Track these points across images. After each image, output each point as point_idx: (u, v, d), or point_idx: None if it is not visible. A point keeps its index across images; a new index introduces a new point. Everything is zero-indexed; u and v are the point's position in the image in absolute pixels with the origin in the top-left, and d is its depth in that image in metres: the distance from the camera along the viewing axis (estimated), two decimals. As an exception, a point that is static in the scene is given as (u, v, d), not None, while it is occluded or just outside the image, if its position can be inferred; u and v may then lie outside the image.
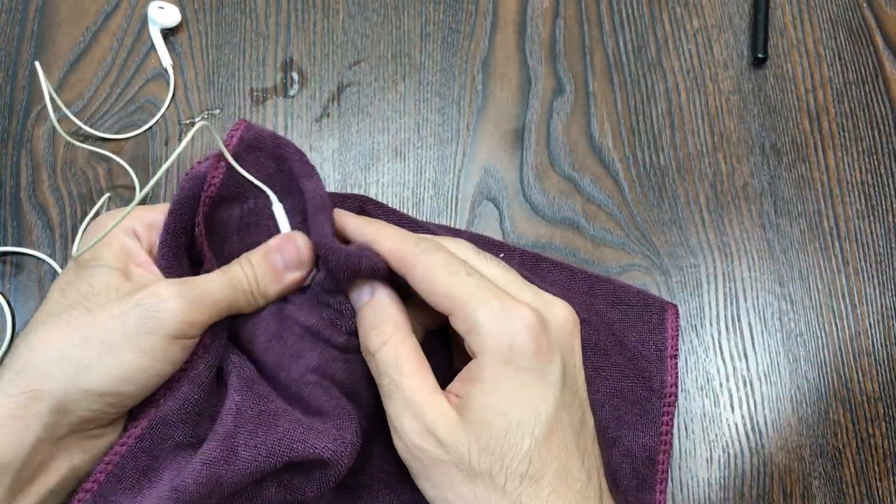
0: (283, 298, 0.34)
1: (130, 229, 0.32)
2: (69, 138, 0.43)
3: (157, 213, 0.33)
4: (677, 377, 0.42)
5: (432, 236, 0.33)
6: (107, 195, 0.36)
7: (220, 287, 0.31)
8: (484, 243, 0.44)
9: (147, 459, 0.30)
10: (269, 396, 0.32)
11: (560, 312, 0.30)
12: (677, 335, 0.43)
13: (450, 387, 0.30)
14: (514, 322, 0.28)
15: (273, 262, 0.32)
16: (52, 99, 0.40)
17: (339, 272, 0.31)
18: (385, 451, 0.36)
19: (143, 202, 0.47)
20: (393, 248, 0.31)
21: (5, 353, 0.43)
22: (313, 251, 0.33)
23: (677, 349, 0.42)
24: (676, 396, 0.42)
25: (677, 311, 0.44)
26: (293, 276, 0.33)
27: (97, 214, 0.46)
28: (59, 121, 0.48)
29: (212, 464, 0.29)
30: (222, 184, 0.33)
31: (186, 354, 0.30)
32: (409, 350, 0.31)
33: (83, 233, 0.40)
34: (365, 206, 0.38)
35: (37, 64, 0.39)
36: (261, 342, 0.33)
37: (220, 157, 0.33)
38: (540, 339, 0.28)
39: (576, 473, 0.28)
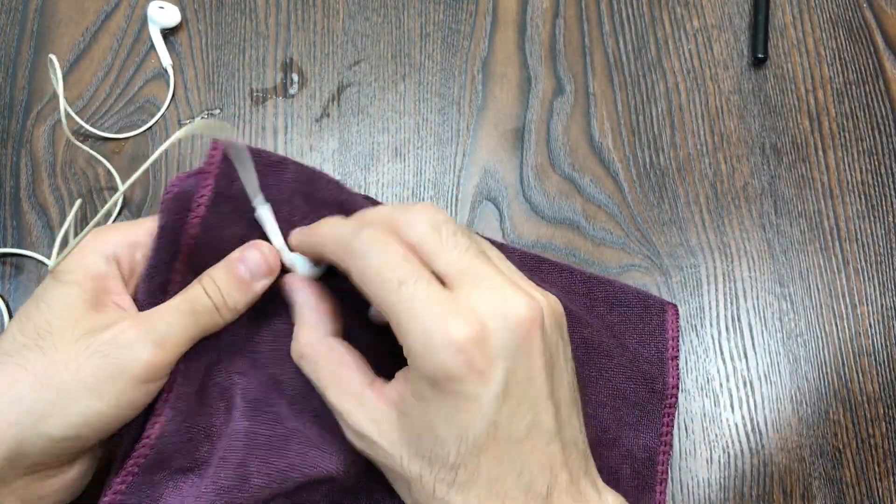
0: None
1: (111, 253, 0.31)
2: (71, 136, 0.43)
3: (142, 232, 0.32)
4: (678, 378, 0.42)
5: (381, 217, 0.30)
6: (78, 201, 0.35)
7: (181, 317, 0.29)
8: None
9: (148, 490, 0.30)
10: (278, 417, 0.32)
11: (515, 310, 0.27)
12: (678, 336, 0.43)
13: (396, 376, 0.30)
14: (442, 348, 0.26)
15: (238, 274, 0.31)
16: (62, 94, 0.40)
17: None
18: None
19: (133, 213, 0.47)
20: (335, 252, 0.30)
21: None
22: (278, 257, 0.32)
23: (678, 350, 0.42)
24: (677, 398, 0.42)
25: (678, 311, 0.44)
26: (261, 284, 0.32)
27: (79, 224, 0.46)
28: (59, 120, 0.48)
29: (225, 492, 0.29)
30: (212, 202, 0.31)
31: (154, 392, 0.29)
32: (332, 355, 0.30)
33: (59, 248, 0.38)
34: (317, 183, 0.36)
35: (52, 57, 0.39)
36: (266, 343, 0.33)
37: (209, 170, 0.31)
38: (474, 358, 0.26)
39: (512, 482, 0.28)
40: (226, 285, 0.31)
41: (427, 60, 0.51)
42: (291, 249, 0.33)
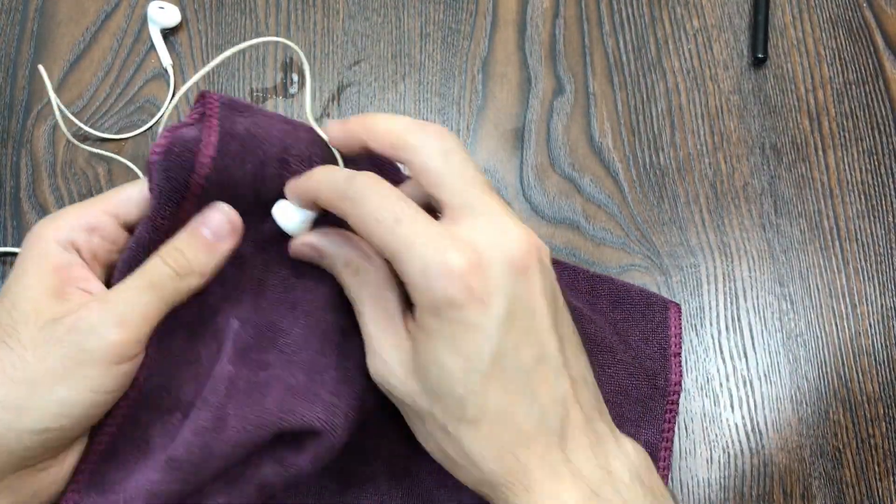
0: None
1: (67, 239, 0.30)
2: (76, 142, 0.43)
3: (98, 212, 0.31)
4: (681, 375, 0.42)
5: (394, 130, 0.30)
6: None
7: (140, 293, 0.29)
8: None
9: (137, 432, 0.30)
10: (264, 364, 0.31)
11: (511, 242, 0.28)
12: (680, 333, 0.43)
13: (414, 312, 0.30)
14: (443, 273, 0.26)
15: (202, 236, 0.30)
16: (56, 103, 0.40)
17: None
18: (396, 446, 0.36)
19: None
20: (330, 200, 0.30)
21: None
22: (239, 218, 0.31)
23: (681, 347, 0.42)
24: (679, 394, 0.42)
25: (680, 309, 0.44)
26: (227, 245, 0.31)
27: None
28: (59, 121, 0.48)
29: (202, 433, 0.29)
30: (218, 154, 0.30)
31: (130, 373, 0.29)
32: (372, 280, 0.30)
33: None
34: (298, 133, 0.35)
35: (40, 67, 0.39)
36: (275, 290, 0.33)
37: (210, 113, 0.30)
38: (474, 285, 0.27)
39: (521, 414, 0.28)
40: (191, 250, 0.30)
41: (427, 60, 0.51)
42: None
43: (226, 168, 0.31)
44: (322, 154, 0.33)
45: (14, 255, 0.45)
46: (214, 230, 0.31)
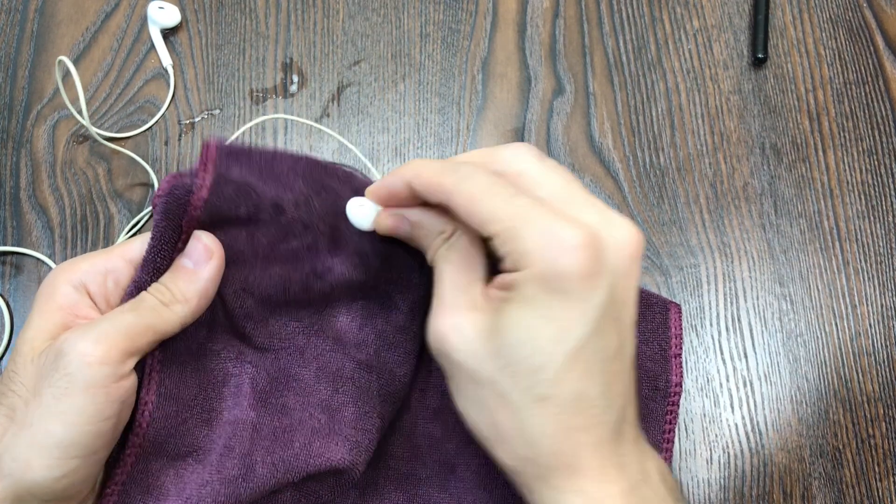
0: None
1: (79, 281, 0.30)
2: (101, 139, 0.43)
3: (115, 257, 0.31)
4: (682, 376, 0.42)
5: (476, 158, 0.31)
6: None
7: (121, 315, 0.29)
8: None
9: (149, 479, 0.30)
10: (285, 409, 0.32)
11: (621, 233, 0.28)
12: (681, 334, 0.43)
13: (495, 281, 0.30)
14: (560, 243, 0.27)
15: (182, 267, 0.30)
16: (71, 96, 0.40)
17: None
18: (402, 451, 0.36)
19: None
20: (431, 181, 0.30)
21: (4, 351, 0.43)
22: (218, 242, 0.31)
23: (681, 348, 0.42)
24: (680, 395, 0.42)
25: (680, 309, 0.44)
26: (209, 270, 0.31)
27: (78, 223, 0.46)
28: (59, 121, 0.48)
29: (230, 482, 0.30)
30: (212, 190, 0.30)
31: (123, 398, 0.28)
32: (463, 246, 0.30)
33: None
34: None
35: (66, 59, 0.38)
36: (283, 336, 0.33)
37: (208, 159, 0.30)
38: (588, 262, 0.27)
39: (593, 399, 0.28)
40: (173, 281, 0.30)
41: (427, 60, 0.51)
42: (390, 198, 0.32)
43: (219, 210, 0.31)
44: (334, 192, 0.33)
45: (14, 254, 0.45)
46: (194, 258, 0.31)
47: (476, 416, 0.29)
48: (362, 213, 0.32)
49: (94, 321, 0.29)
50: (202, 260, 0.31)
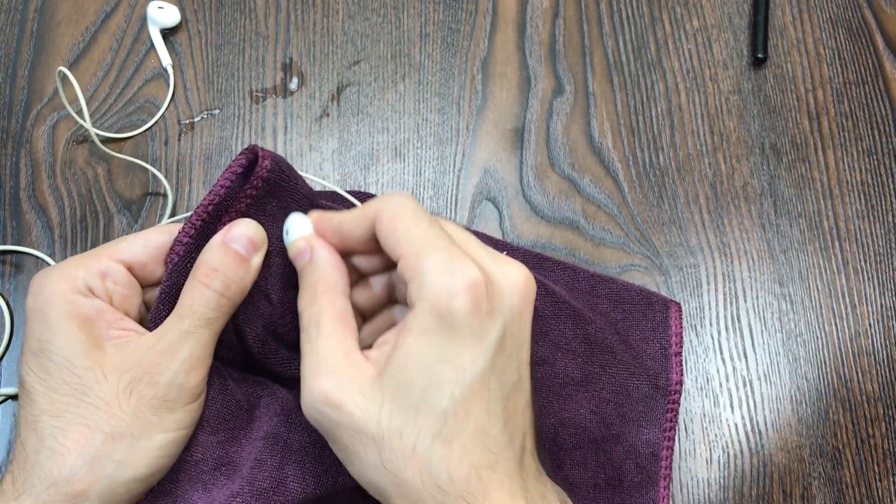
0: None
1: (84, 287, 0.30)
2: (102, 146, 0.43)
3: (104, 259, 0.31)
4: (682, 374, 0.42)
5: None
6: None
7: (198, 332, 0.30)
8: (485, 241, 0.44)
9: (178, 490, 0.30)
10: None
11: (513, 275, 0.30)
12: (681, 332, 0.43)
13: (377, 342, 0.30)
14: (457, 277, 0.28)
15: (235, 252, 0.31)
16: (75, 104, 0.40)
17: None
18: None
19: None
20: (369, 204, 0.31)
21: (4, 351, 0.43)
22: (263, 231, 0.32)
23: (681, 346, 0.42)
24: (680, 393, 0.42)
25: (680, 308, 0.44)
26: (258, 259, 0.31)
27: (78, 225, 0.46)
28: (58, 121, 0.49)
29: (262, 495, 0.30)
30: (257, 200, 0.31)
31: (200, 407, 0.31)
32: (334, 310, 0.30)
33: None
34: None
35: (65, 69, 0.39)
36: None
37: (264, 155, 0.31)
38: (480, 300, 0.28)
39: (495, 436, 0.28)
40: (229, 268, 0.30)
41: (427, 60, 0.51)
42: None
43: (263, 203, 0.32)
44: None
45: (13, 254, 0.45)
46: (245, 245, 0.31)
47: (376, 477, 0.28)
48: (294, 227, 0.33)
49: (171, 345, 0.30)
50: (251, 248, 0.31)
